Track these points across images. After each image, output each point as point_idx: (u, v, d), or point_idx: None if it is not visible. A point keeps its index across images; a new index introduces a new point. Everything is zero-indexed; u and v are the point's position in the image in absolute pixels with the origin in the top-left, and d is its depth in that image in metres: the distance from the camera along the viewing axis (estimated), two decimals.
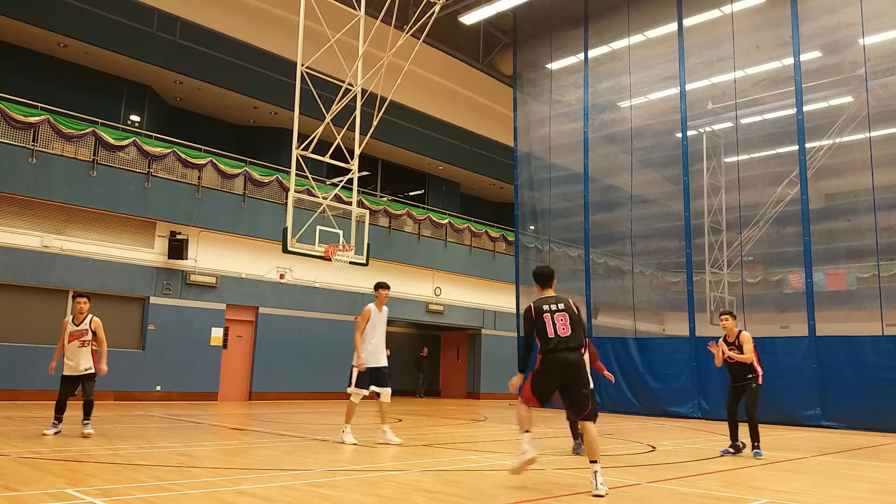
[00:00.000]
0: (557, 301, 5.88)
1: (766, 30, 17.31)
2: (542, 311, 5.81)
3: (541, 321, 5.77)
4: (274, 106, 20.30)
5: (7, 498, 4.59)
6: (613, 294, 19.95)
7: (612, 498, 5.41)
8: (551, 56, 21.20)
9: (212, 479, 5.73)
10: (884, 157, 15.32)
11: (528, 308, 5.94)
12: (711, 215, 19.54)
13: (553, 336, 5.70)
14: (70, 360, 8.62)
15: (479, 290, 24.72)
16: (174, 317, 16.94)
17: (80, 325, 8.73)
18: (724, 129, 18.91)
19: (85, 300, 8.88)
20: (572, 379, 5.68)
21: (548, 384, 5.74)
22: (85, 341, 8.68)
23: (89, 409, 8.60)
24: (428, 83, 23.85)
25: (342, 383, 19.56)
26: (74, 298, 9.13)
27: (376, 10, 14.37)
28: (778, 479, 6.88)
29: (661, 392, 17.21)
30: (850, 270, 17.11)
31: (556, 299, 5.91)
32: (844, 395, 14.52)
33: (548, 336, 5.71)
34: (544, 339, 5.73)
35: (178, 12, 18.55)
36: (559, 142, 20.73)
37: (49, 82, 17.62)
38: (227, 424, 11.41)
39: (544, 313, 5.78)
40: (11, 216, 14.98)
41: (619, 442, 10.14)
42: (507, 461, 7.60)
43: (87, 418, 8.56)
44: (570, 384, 5.71)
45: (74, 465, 6.22)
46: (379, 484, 5.72)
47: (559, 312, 5.78)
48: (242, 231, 18.25)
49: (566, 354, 5.65)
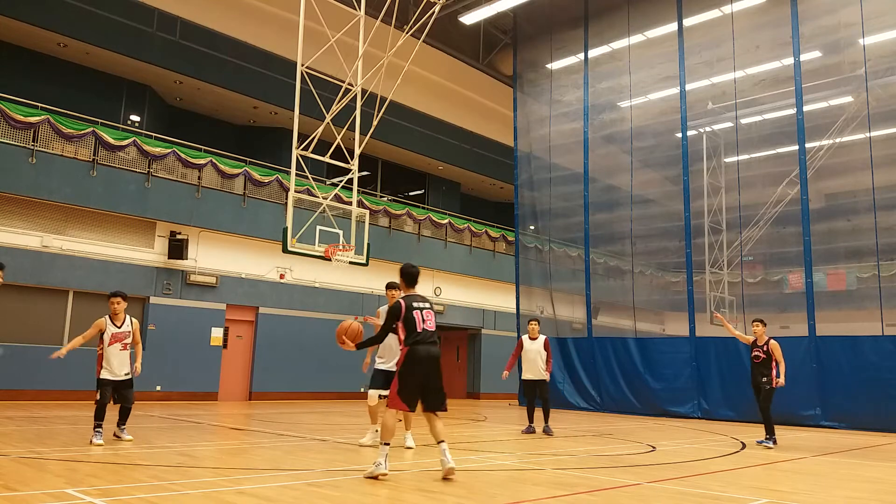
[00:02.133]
0: (423, 300, 6.47)
1: (766, 30, 17.31)
2: (412, 307, 6.32)
3: (411, 315, 6.28)
4: (274, 106, 20.30)
5: (7, 498, 4.59)
6: (613, 294, 19.95)
7: (613, 498, 5.41)
8: (551, 56, 21.20)
9: (212, 479, 5.73)
10: (884, 157, 15.31)
11: (398, 304, 6.38)
12: (711, 215, 19.53)
13: (421, 330, 6.25)
14: (109, 364, 8.05)
15: (479, 290, 24.72)
16: (174, 317, 16.93)
17: (122, 327, 8.20)
18: (724, 129, 18.90)
19: (120, 299, 8.24)
20: (436, 371, 6.29)
21: (414, 379, 6.19)
22: (126, 344, 8.20)
23: (127, 414, 8.23)
24: (428, 83, 23.85)
25: (342, 383, 19.75)
26: (109, 298, 8.32)
27: (376, 10, 14.37)
28: (778, 479, 6.88)
29: (661, 392, 17.21)
30: (850, 270, 17.10)
31: (422, 298, 6.49)
32: (844, 395, 14.52)
33: (416, 330, 6.24)
34: (412, 333, 6.25)
35: (178, 12, 18.55)
36: (559, 142, 20.73)
37: (49, 82, 17.62)
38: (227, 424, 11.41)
39: (414, 309, 6.31)
40: (11, 216, 14.98)
41: (619, 442, 10.14)
42: (507, 461, 7.60)
43: (124, 423, 8.22)
44: (432, 376, 6.27)
45: (74, 465, 6.22)
46: (379, 484, 5.72)
47: (426, 310, 6.38)
48: (242, 231, 18.25)
49: (430, 347, 6.26)
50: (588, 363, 18.86)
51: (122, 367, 8.13)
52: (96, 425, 7.83)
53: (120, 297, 8.28)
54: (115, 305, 8.22)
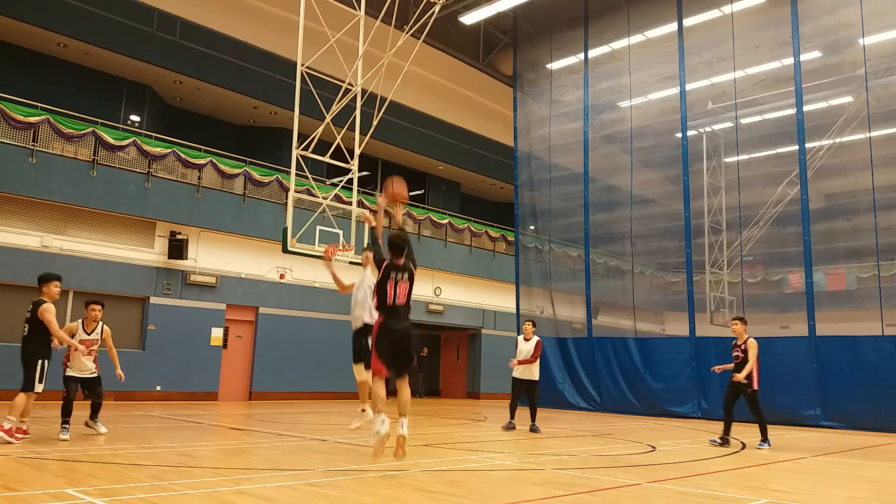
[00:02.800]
0: (404, 270, 6.65)
1: (766, 30, 17.30)
2: (388, 276, 6.57)
3: (384, 285, 6.57)
4: (274, 106, 20.30)
5: (7, 498, 4.59)
6: (613, 294, 19.95)
7: (613, 498, 5.41)
8: (551, 56, 21.19)
9: (212, 479, 5.73)
10: (884, 157, 15.31)
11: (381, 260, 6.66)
12: (711, 215, 19.53)
13: (391, 304, 6.55)
14: (74, 364, 8.48)
15: (479, 290, 24.72)
16: (174, 317, 16.94)
17: (91, 334, 8.58)
18: (724, 129, 18.90)
19: (100, 308, 8.67)
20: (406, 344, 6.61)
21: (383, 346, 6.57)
22: (93, 350, 8.56)
23: (98, 408, 8.68)
24: (428, 83, 23.85)
25: (342, 383, 19.71)
26: (88, 305, 8.79)
27: (376, 10, 14.37)
28: (778, 479, 6.88)
29: (661, 392, 17.21)
30: (850, 270, 17.10)
31: (404, 268, 6.65)
32: (844, 395, 14.51)
33: (387, 303, 6.56)
34: (383, 304, 6.59)
35: (178, 12, 18.55)
36: (559, 142, 20.72)
37: (49, 82, 17.62)
38: (227, 424, 11.41)
39: (389, 279, 6.57)
40: (11, 216, 14.98)
41: (619, 442, 10.14)
42: (507, 461, 7.60)
43: (96, 416, 8.65)
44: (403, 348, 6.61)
45: (74, 465, 6.22)
46: (379, 484, 5.72)
47: (402, 282, 6.61)
48: (242, 231, 18.25)
49: (396, 324, 6.56)
50: (588, 363, 18.86)
51: (86, 367, 8.52)
52: (63, 421, 8.12)
53: (100, 305, 8.74)
54: (94, 313, 8.65)
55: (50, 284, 8.19)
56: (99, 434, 8.54)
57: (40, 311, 7.91)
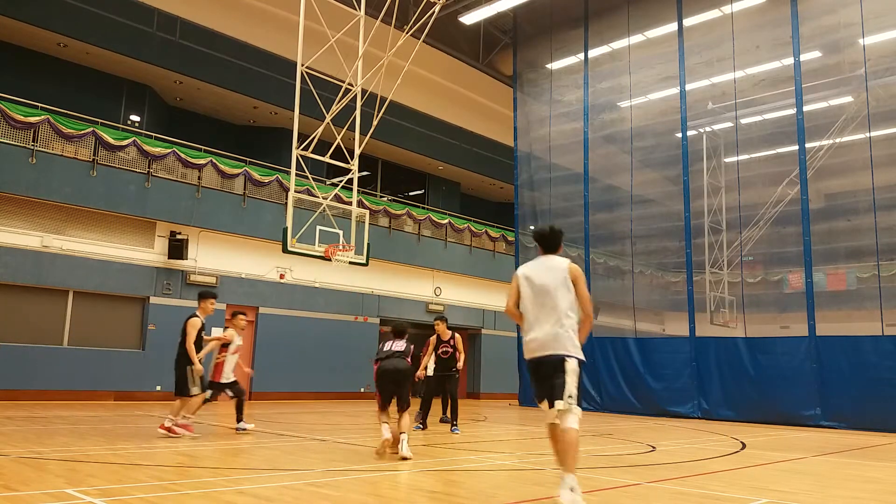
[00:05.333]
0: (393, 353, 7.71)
1: (766, 30, 17.30)
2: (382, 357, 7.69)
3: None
4: (274, 106, 20.30)
5: (7, 498, 4.59)
6: (613, 294, 19.94)
7: (613, 498, 5.41)
8: (551, 56, 21.19)
9: (212, 479, 5.73)
10: (884, 157, 15.31)
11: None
12: (711, 215, 19.53)
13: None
14: (228, 370, 9.52)
15: (479, 290, 24.72)
16: (174, 317, 16.81)
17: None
18: (724, 129, 18.90)
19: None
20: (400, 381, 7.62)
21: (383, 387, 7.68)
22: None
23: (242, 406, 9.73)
24: (428, 83, 23.84)
25: (342, 383, 19.74)
26: (236, 315, 9.72)
27: (376, 10, 14.36)
28: (778, 479, 6.88)
29: (661, 392, 17.20)
30: (850, 270, 17.11)
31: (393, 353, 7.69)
32: (844, 395, 14.50)
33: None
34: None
35: (178, 12, 18.54)
36: (559, 142, 20.72)
37: (49, 82, 17.61)
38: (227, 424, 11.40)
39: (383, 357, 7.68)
40: (11, 216, 14.98)
41: (619, 442, 10.14)
42: (507, 461, 7.60)
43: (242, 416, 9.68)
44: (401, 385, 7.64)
45: (74, 465, 6.22)
46: (379, 484, 5.72)
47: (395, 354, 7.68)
48: (242, 231, 18.25)
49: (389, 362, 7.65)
50: (588, 363, 18.81)
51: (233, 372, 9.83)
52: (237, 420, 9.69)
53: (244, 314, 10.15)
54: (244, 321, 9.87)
55: (207, 301, 8.86)
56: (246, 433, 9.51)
57: (186, 324, 8.68)
